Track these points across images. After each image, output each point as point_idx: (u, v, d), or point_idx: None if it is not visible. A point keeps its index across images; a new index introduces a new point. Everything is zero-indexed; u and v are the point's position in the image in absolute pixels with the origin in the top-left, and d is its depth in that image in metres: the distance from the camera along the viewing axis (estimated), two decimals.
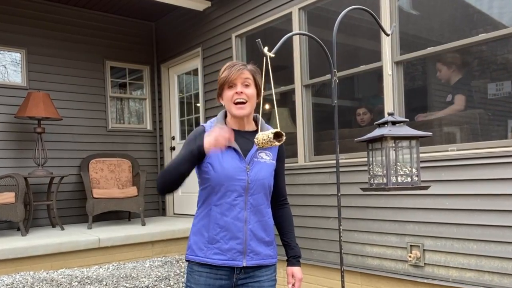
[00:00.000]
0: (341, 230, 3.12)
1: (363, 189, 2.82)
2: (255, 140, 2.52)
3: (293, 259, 2.93)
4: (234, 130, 2.71)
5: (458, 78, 5.47)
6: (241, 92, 2.69)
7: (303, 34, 4.53)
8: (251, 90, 2.73)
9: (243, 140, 2.75)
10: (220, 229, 2.67)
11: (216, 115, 2.90)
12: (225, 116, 2.86)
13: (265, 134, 2.48)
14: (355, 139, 2.86)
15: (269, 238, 2.79)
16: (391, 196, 5.35)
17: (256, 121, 2.87)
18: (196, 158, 2.66)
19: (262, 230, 2.74)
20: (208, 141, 2.56)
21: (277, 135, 2.48)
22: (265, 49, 2.66)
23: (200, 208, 2.78)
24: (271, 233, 2.82)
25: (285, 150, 2.92)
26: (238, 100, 2.70)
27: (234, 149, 2.69)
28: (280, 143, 2.49)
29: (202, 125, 2.82)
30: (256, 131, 2.78)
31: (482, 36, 4.71)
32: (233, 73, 2.69)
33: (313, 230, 6.32)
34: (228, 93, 2.71)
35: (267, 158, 2.77)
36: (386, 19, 5.45)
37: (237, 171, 2.66)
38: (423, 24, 5.72)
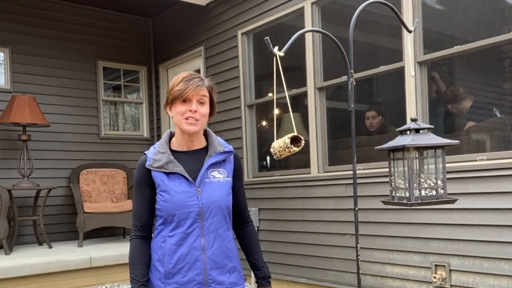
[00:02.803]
0: (358, 248, 3.13)
1: (384, 202, 2.83)
2: (271, 150, 2.52)
3: (262, 280, 2.97)
4: (181, 151, 2.80)
5: (470, 104, 5.54)
6: (195, 111, 2.70)
7: (317, 31, 4.56)
8: (206, 109, 2.76)
9: (192, 160, 2.79)
10: (176, 261, 2.70)
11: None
12: (170, 137, 2.90)
13: (281, 140, 2.48)
14: (375, 148, 2.87)
15: (232, 264, 2.82)
16: (414, 211, 5.36)
17: (206, 136, 2.91)
18: (154, 196, 2.76)
19: (224, 256, 2.78)
20: None
21: (294, 140, 2.46)
22: (275, 48, 2.68)
23: (154, 240, 2.81)
24: (234, 257, 2.85)
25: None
26: (191, 118, 2.71)
27: (180, 174, 2.72)
28: (299, 148, 2.48)
29: (145, 153, 2.84)
30: (206, 148, 2.84)
31: None
32: (190, 88, 2.68)
33: (327, 248, 6.33)
34: (180, 108, 2.71)
35: (221, 177, 2.80)
36: (408, 14, 5.47)
37: (187, 197, 2.69)
38: (449, 20, 5.74)
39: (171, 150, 2.80)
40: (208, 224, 2.71)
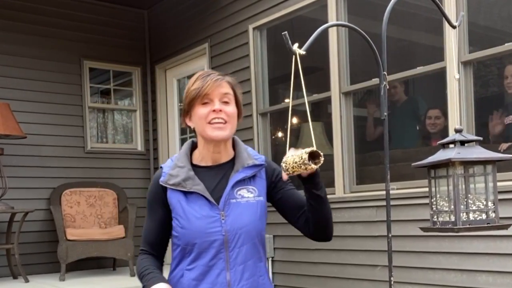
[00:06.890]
0: (392, 283, 3.13)
1: (424, 229, 2.82)
2: (283, 165, 2.49)
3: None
4: (204, 166, 2.75)
5: None
6: (220, 110, 2.64)
7: (343, 26, 4.57)
8: (232, 108, 2.70)
9: (216, 177, 2.74)
10: None
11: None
12: (192, 148, 2.84)
13: (296, 155, 2.44)
14: (413, 164, 2.87)
15: None
16: (457, 238, 5.34)
17: (234, 145, 2.84)
18: (169, 218, 2.72)
19: None
20: None
21: (312, 156, 2.45)
22: (295, 46, 2.68)
23: (171, 274, 2.75)
24: None
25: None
26: (216, 120, 2.64)
27: (200, 194, 2.66)
28: (318, 166, 2.46)
29: (161, 167, 2.80)
30: (233, 159, 2.78)
31: None
32: (209, 84, 2.62)
33: (354, 282, 6.31)
34: (201, 111, 2.65)
35: (251, 196, 2.74)
36: (451, 7, 5.47)
37: (208, 223, 2.63)
38: (499, 13, 5.74)
39: (192, 164, 2.74)
40: (234, 255, 2.63)
